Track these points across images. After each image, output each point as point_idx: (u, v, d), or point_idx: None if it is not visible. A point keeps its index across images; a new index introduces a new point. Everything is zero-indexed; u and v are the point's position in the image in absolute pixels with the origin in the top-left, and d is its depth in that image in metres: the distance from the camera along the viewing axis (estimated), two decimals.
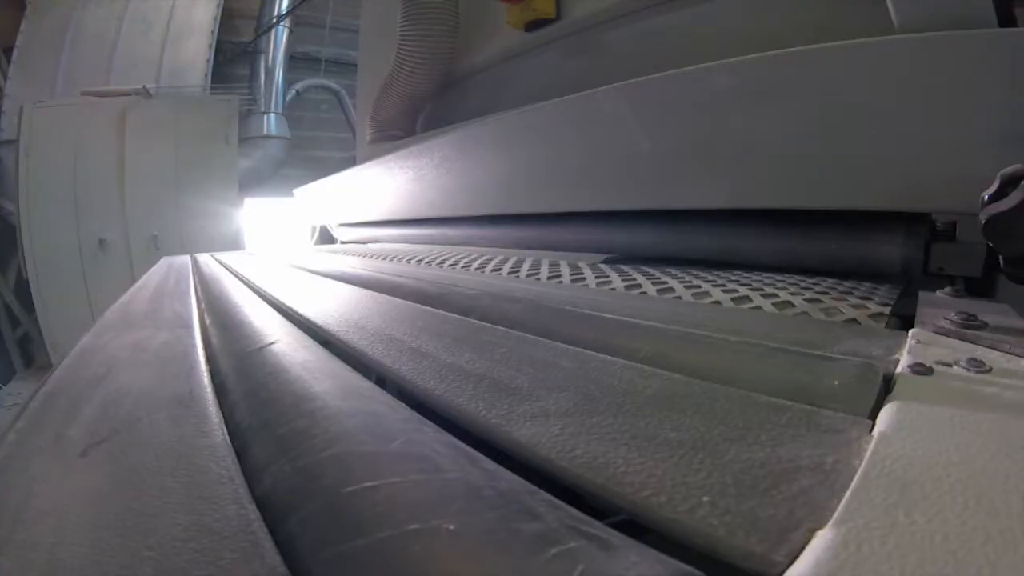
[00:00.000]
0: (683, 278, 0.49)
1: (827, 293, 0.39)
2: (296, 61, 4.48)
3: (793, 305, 0.36)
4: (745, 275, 0.50)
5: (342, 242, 1.66)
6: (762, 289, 0.41)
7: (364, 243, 1.42)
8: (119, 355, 0.34)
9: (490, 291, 0.46)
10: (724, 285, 0.44)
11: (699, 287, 0.43)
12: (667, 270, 0.56)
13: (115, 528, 0.15)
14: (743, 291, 0.41)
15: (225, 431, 0.21)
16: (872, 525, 0.12)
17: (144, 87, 3.55)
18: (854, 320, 0.32)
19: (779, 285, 0.43)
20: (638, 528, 0.14)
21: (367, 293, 0.49)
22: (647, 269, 0.57)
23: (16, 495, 0.17)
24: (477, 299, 0.42)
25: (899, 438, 0.16)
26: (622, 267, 0.60)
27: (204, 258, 1.07)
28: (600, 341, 0.29)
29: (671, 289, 0.44)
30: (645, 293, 0.44)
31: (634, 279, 0.50)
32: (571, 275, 0.55)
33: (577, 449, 0.17)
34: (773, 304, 0.36)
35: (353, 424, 0.20)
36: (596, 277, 0.52)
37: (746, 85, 0.52)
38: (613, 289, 0.46)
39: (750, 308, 0.36)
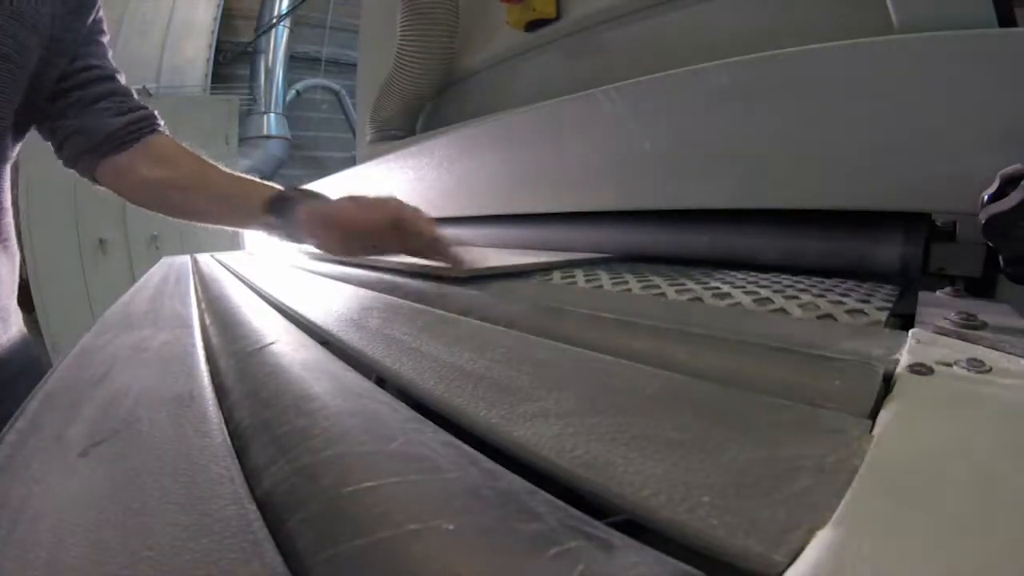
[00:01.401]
0: (683, 278, 0.49)
1: (827, 293, 0.39)
2: (296, 61, 4.48)
3: (793, 305, 0.36)
4: (745, 275, 0.50)
5: None
6: (762, 289, 0.41)
7: None
8: (119, 355, 0.34)
9: (490, 291, 0.46)
10: (724, 285, 0.44)
11: (699, 287, 0.43)
12: (667, 270, 0.56)
13: (115, 528, 0.15)
14: (743, 291, 0.41)
15: (225, 431, 0.21)
16: (872, 525, 0.12)
17: (144, 87, 3.56)
18: (854, 320, 0.32)
19: (779, 285, 0.43)
20: (638, 528, 0.14)
21: (367, 293, 0.49)
22: (647, 269, 0.57)
23: (16, 495, 0.17)
24: (477, 299, 0.42)
25: (899, 438, 0.16)
26: (621, 267, 0.60)
27: (204, 258, 1.07)
28: (600, 341, 0.29)
29: (671, 289, 0.44)
30: (645, 293, 0.44)
31: (634, 279, 0.49)
32: (570, 275, 0.55)
33: (577, 449, 0.17)
34: (773, 304, 0.36)
35: (353, 424, 0.20)
36: (597, 277, 0.52)
37: (746, 85, 0.52)
38: (614, 289, 0.46)
39: (750, 308, 0.36)
